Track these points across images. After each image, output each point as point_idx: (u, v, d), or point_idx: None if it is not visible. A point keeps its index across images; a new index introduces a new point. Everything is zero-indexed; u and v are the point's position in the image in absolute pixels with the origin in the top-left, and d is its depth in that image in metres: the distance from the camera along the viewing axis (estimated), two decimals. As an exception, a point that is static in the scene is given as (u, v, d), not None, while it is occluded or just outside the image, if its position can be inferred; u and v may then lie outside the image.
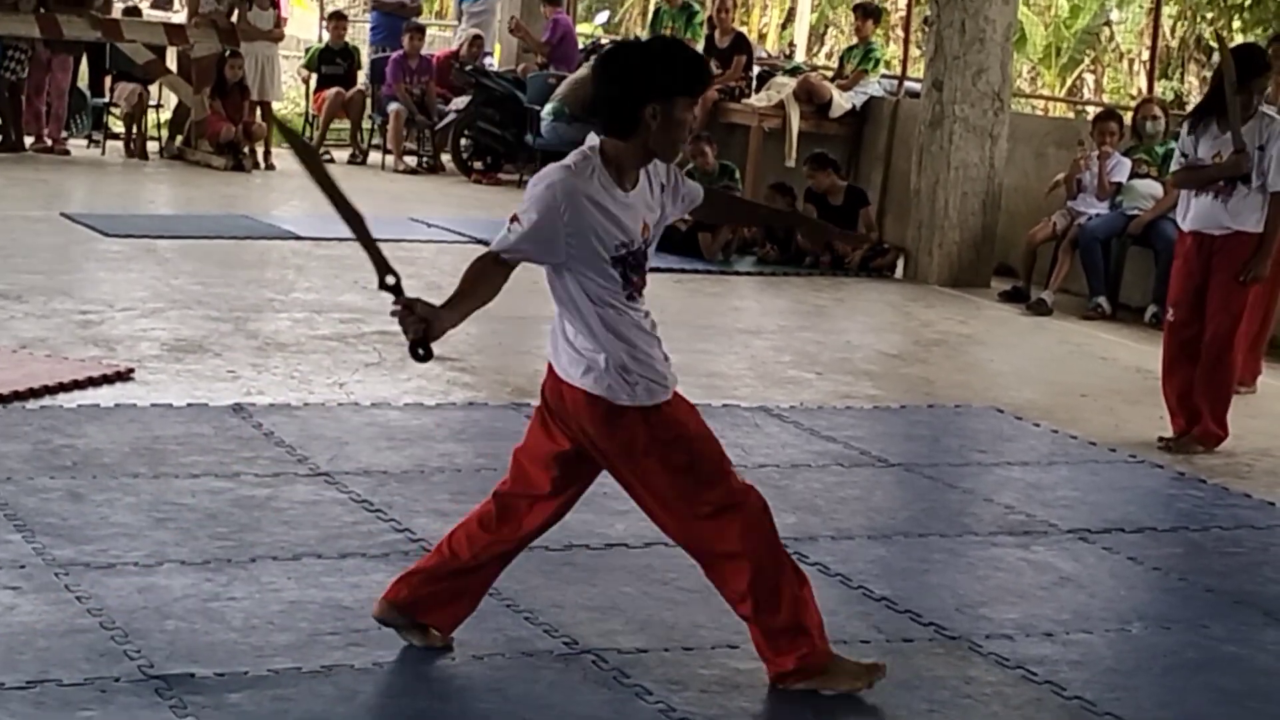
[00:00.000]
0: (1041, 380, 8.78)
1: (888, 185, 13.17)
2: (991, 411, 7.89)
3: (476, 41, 16.68)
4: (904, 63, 15.32)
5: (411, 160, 16.38)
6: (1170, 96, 22.98)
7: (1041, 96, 23.69)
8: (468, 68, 16.21)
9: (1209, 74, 25.28)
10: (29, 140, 15.25)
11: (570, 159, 4.11)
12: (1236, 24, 19.67)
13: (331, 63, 16.75)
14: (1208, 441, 7.42)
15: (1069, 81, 26.06)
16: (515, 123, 15.54)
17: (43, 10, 14.88)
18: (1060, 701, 4.47)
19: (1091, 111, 13.31)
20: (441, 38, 22.89)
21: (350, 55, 16.92)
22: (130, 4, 18.00)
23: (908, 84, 14.34)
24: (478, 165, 15.87)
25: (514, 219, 4.08)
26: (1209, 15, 22.19)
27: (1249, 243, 7.33)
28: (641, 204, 4.23)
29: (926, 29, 12.55)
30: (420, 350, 4.02)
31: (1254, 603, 5.42)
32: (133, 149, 15.56)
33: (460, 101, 16.08)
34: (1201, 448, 7.39)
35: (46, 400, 6.68)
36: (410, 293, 4.09)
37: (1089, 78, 27.17)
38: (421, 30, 17.09)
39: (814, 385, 8.18)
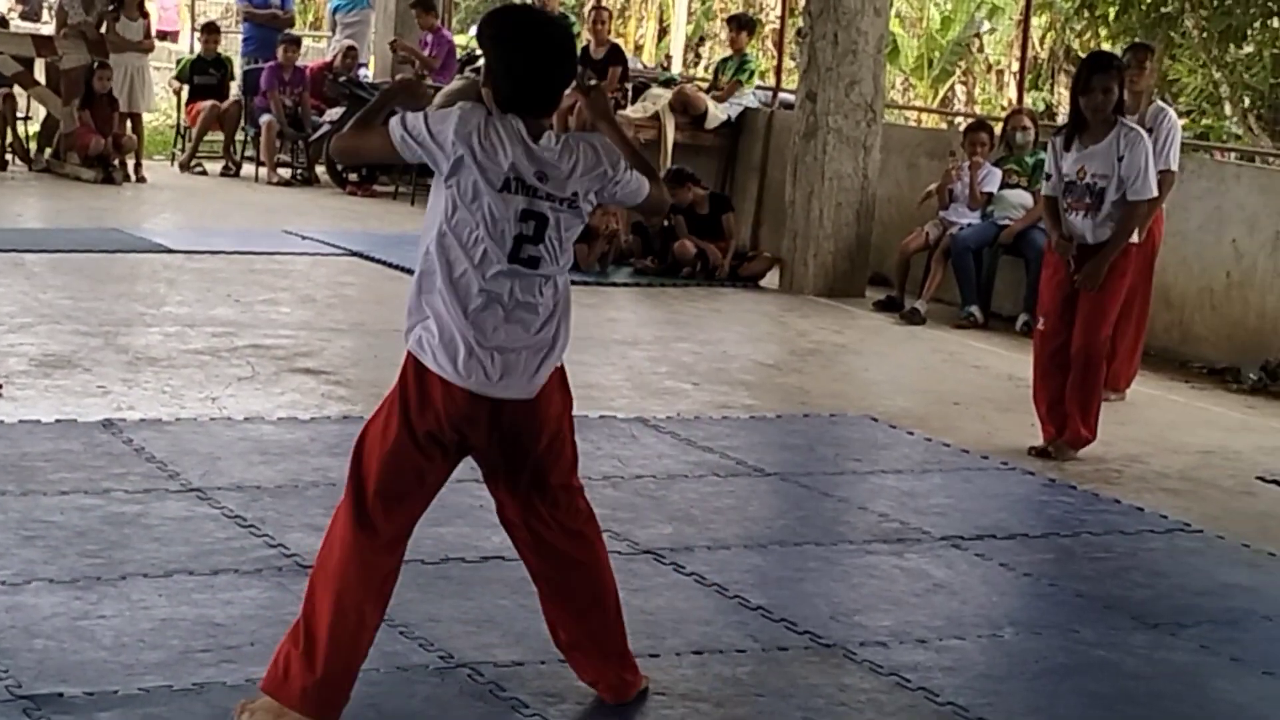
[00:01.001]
0: (915, 389, 8.87)
1: (763, 196, 13.25)
2: (866, 420, 7.95)
3: (350, 52, 16.60)
4: (778, 74, 15.42)
5: (285, 172, 16.26)
6: (1040, 107, 23.29)
7: (914, 108, 23.93)
8: (342, 79, 16.13)
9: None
10: (-107, 153, 14.98)
11: None
12: (1104, 33, 19.96)
13: (204, 73, 16.61)
14: (1076, 444, 7.53)
15: (941, 93, 26.33)
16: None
17: (-94, 21, 14.65)
18: (934, 708, 4.52)
19: (963, 122, 13.48)
20: (315, 49, 22.74)
21: (224, 66, 16.79)
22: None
23: (782, 95, 14.44)
24: (352, 177, 15.79)
25: None
26: (1077, 27, 22.51)
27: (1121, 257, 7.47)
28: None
29: (800, 41, 12.65)
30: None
31: (1123, 607, 5.50)
32: (4, 160, 15.31)
33: (335, 113, 15.98)
34: (1071, 451, 7.50)
35: (-89, 417, 6.57)
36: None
37: (960, 89, 27.48)
38: (297, 42, 17.00)
39: (690, 395, 8.21)
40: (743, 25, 14.77)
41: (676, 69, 25.62)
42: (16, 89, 15.42)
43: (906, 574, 5.67)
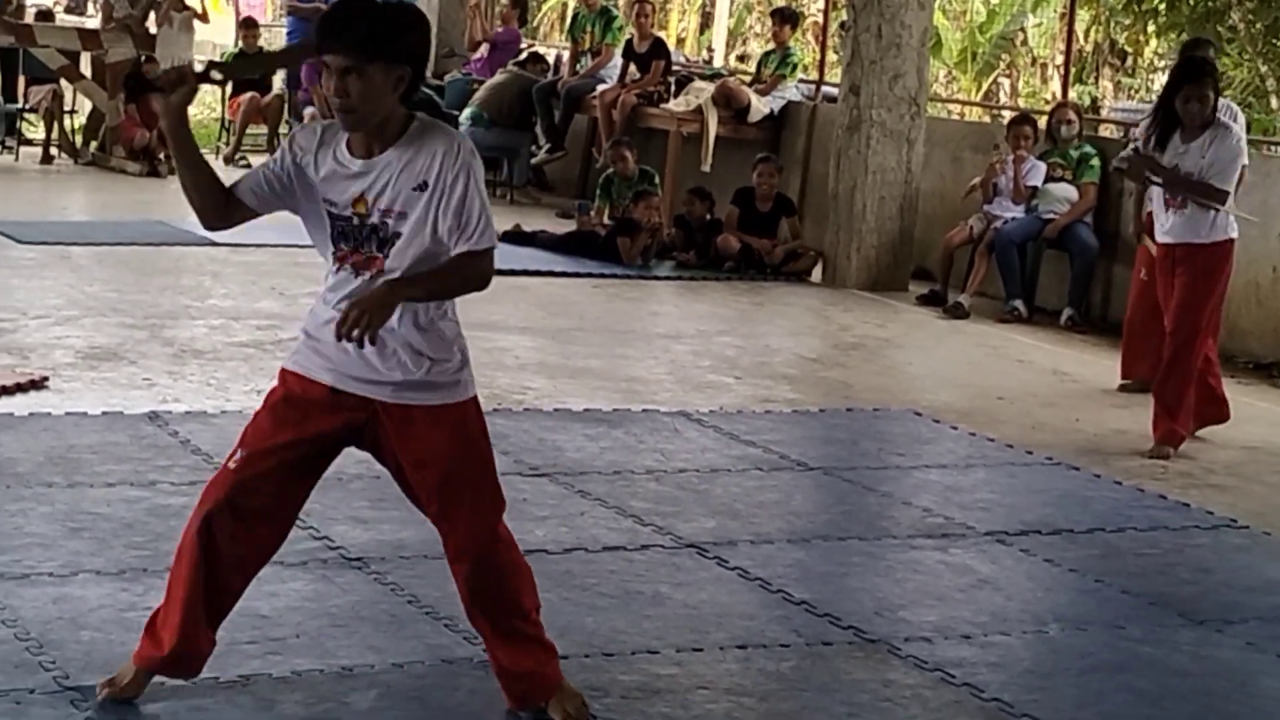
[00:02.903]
0: (959, 383, 8.84)
1: (806, 189, 13.22)
2: (909, 414, 7.93)
3: (394, 46, 16.61)
4: (821, 67, 15.39)
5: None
6: (1086, 101, 23.20)
7: (957, 101, 23.86)
8: (385, 73, 16.13)
9: (1123, 79, 25.56)
10: (-60, 146, 15.08)
11: None
12: (1151, 29, 19.88)
13: (246, 68, 16.68)
14: (1173, 441, 7.51)
15: (984, 86, 26.26)
16: (444, 125, 15.46)
17: (-47, 15, 14.75)
18: (979, 703, 4.50)
19: (1007, 116, 13.42)
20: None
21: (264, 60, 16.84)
22: (43, 8, 17.83)
23: (825, 88, 14.41)
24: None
25: None
26: (1124, 21, 22.40)
27: (1207, 251, 7.54)
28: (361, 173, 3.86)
29: (843, 34, 12.62)
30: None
31: (1169, 604, 5.47)
32: (51, 154, 15.39)
33: (377, 106, 15.99)
34: (1168, 448, 7.48)
35: (-41, 409, 6.61)
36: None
37: (1004, 82, 27.39)
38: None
39: (733, 389, 8.20)
40: (786, 18, 14.73)
41: (719, 62, 25.62)
42: (63, 82, 15.50)
43: (951, 569, 5.65)
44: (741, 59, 28.64)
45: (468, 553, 4.01)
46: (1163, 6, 18.41)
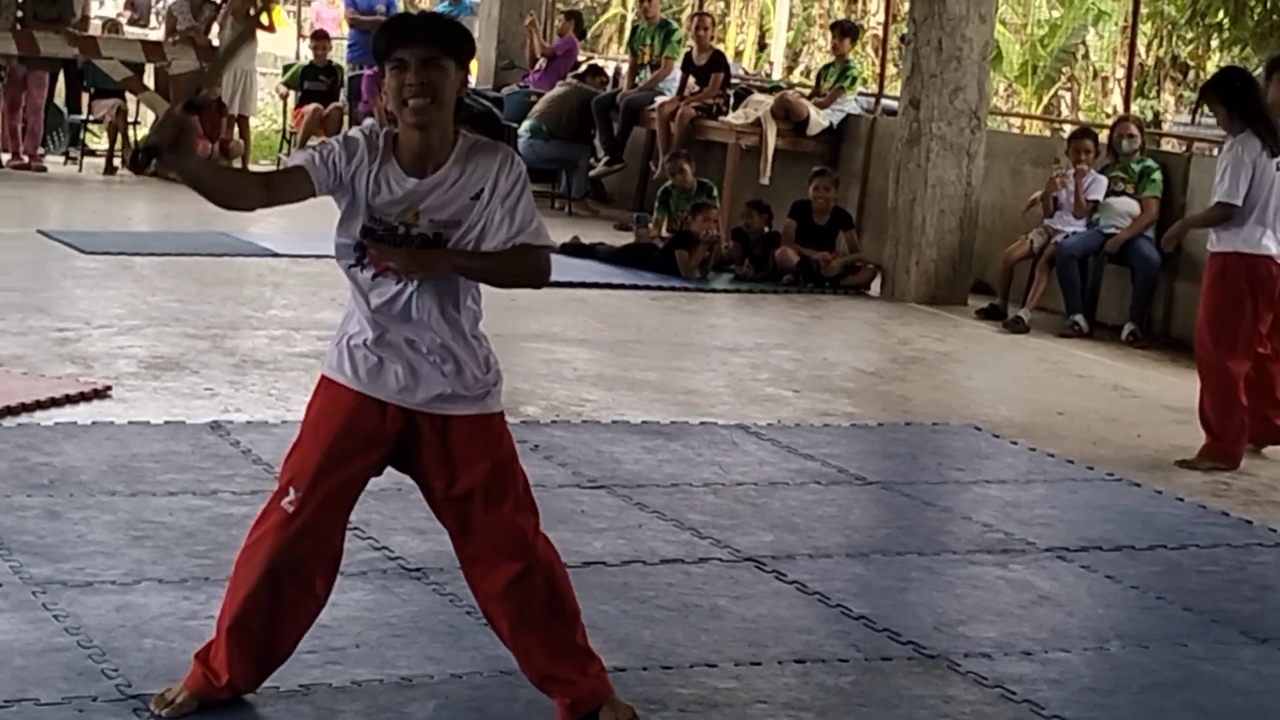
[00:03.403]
0: (1019, 398, 8.80)
1: (865, 203, 13.20)
2: (969, 429, 7.90)
3: (454, 59, 16.67)
4: (881, 80, 15.37)
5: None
6: (1148, 115, 23.08)
7: (1018, 114, 23.76)
8: (444, 85, 16.19)
9: (1185, 93, 25.40)
10: (5, 157, 15.22)
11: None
12: (1214, 43, 19.75)
13: (315, 79, 16.73)
14: (1214, 455, 7.49)
15: (1045, 99, 26.15)
16: (492, 139, 15.51)
17: (19, 27, 14.87)
18: (1039, 720, 4.48)
19: (1067, 130, 13.36)
20: (419, 55, 22.89)
21: (334, 73, 16.91)
22: (111, 20, 17.98)
23: (885, 101, 14.38)
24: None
25: None
26: (1187, 34, 22.27)
27: (1208, 262, 7.62)
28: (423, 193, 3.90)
29: (903, 47, 12.60)
30: (144, 156, 3.90)
31: (1231, 621, 5.43)
32: (114, 165, 15.50)
33: (439, 118, 16.06)
34: (1205, 461, 7.46)
35: (24, 418, 6.65)
36: None
37: (1065, 96, 27.28)
38: (398, 47, 17.05)
39: (791, 403, 8.19)
40: (845, 31, 14.72)
41: (777, 75, 25.61)
42: (126, 94, 15.62)
43: (1011, 585, 5.63)
44: (793, 70, 28.63)
45: (515, 560, 4.00)
46: (1226, 21, 18.28)
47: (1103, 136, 11.62)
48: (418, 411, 3.94)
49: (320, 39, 17.32)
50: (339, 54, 17.60)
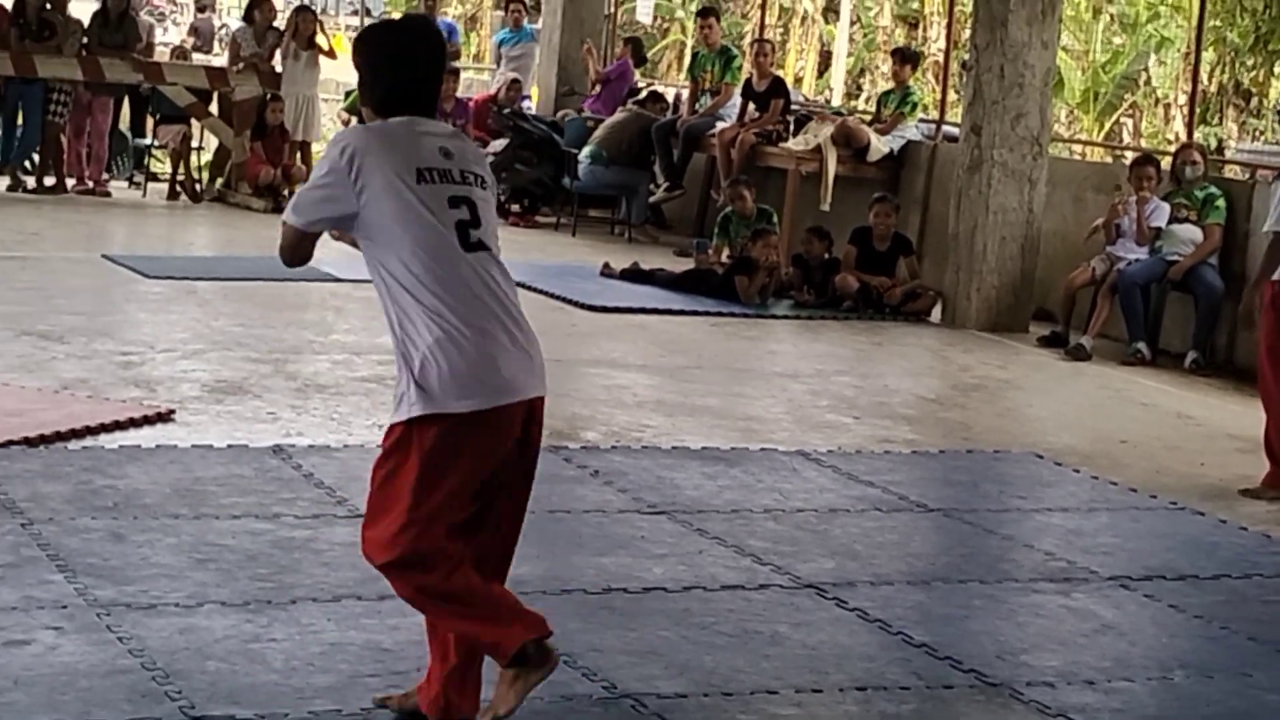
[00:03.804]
0: (1081, 426, 8.75)
1: (925, 229, 13.17)
2: (1030, 457, 7.86)
3: (515, 85, 16.76)
4: (942, 107, 15.34)
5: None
6: (1211, 142, 22.95)
7: (1080, 141, 23.69)
8: (505, 111, 16.28)
9: (1248, 120, 25.26)
10: (70, 182, 15.36)
11: None
12: (1277, 69, 19.63)
13: (372, 106, 16.82)
14: (1270, 483, 7.43)
15: (1107, 126, 26.05)
16: (552, 166, 15.59)
17: (85, 54, 15.03)
18: (1102, 750, 4.45)
19: (1129, 156, 13.31)
20: (479, 81, 23.00)
21: (391, 99, 16.97)
22: (176, 46, 18.13)
23: (945, 128, 14.36)
24: (514, 208, 15.91)
25: None
26: (1249, 61, 22.16)
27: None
28: None
29: (965, 73, 12.57)
30: None
31: (1297, 651, 5.38)
32: (178, 191, 15.62)
33: (498, 144, 16.14)
34: (1270, 491, 7.39)
35: (88, 441, 6.71)
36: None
37: (1127, 123, 27.16)
38: (456, 73, 17.16)
39: (852, 429, 8.16)
40: (906, 58, 14.71)
41: (837, 101, 25.60)
42: (191, 120, 15.76)
43: (1073, 614, 5.59)
44: (853, 96, 28.61)
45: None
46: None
47: (1165, 163, 11.56)
48: None
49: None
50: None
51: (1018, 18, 11.46)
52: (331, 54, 16.39)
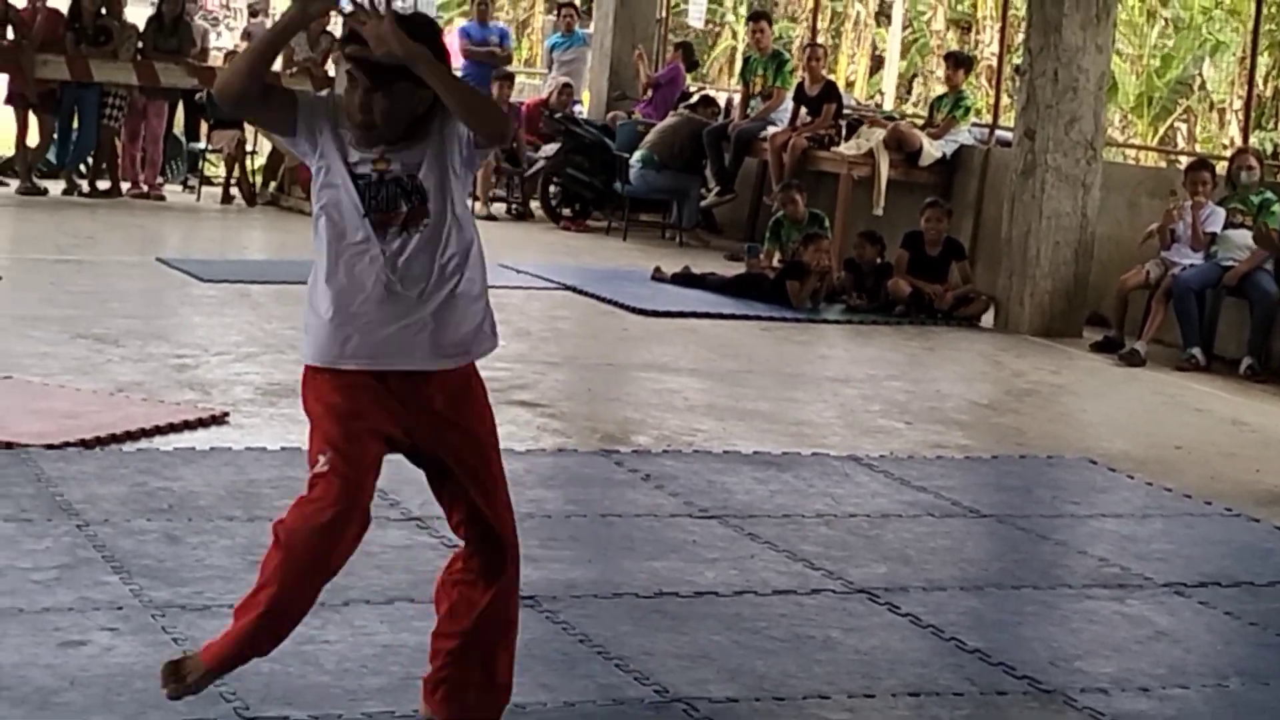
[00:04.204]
0: (1135, 432, 8.70)
1: (978, 234, 13.12)
2: (1084, 463, 7.83)
3: (566, 89, 16.79)
4: (995, 111, 15.29)
5: (499, 207, 16.47)
6: (1267, 148, 22.79)
7: (1134, 146, 23.56)
8: (557, 115, 16.31)
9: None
10: (125, 186, 15.47)
11: None
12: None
13: (427, 109, 16.85)
14: None
15: (1161, 131, 25.91)
16: (604, 170, 15.61)
17: (140, 58, 15.13)
18: (1157, 757, 4.42)
19: (1184, 161, 13.23)
20: (531, 85, 23.04)
21: (446, 102, 16.99)
22: (230, 51, 18.22)
23: (998, 132, 14.31)
24: (566, 212, 15.94)
25: None
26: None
27: None
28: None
29: (1018, 78, 12.53)
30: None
31: (1354, 660, 5.33)
32: (231, 194, 15.70)
33: (549, 149, 16.17)
34: None
35: (143, 443, 6.75)
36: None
37: (1181, 127, 27.01)
38: (510, 78, 17.20)
39: (904, 434, 8.14)
40: (960, 63, 14.66)
41: (889, 105, 25.55)
42: (244, 124, 15.84)
43: (1128, 620, 5.56)
44: (905, 100, 28.54)
45: None
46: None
47: (1220, 168, 11.49)
48: None
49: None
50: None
51: (1072, 22, 11.41)
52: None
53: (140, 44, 15.30)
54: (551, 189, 16.17)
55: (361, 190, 3.85)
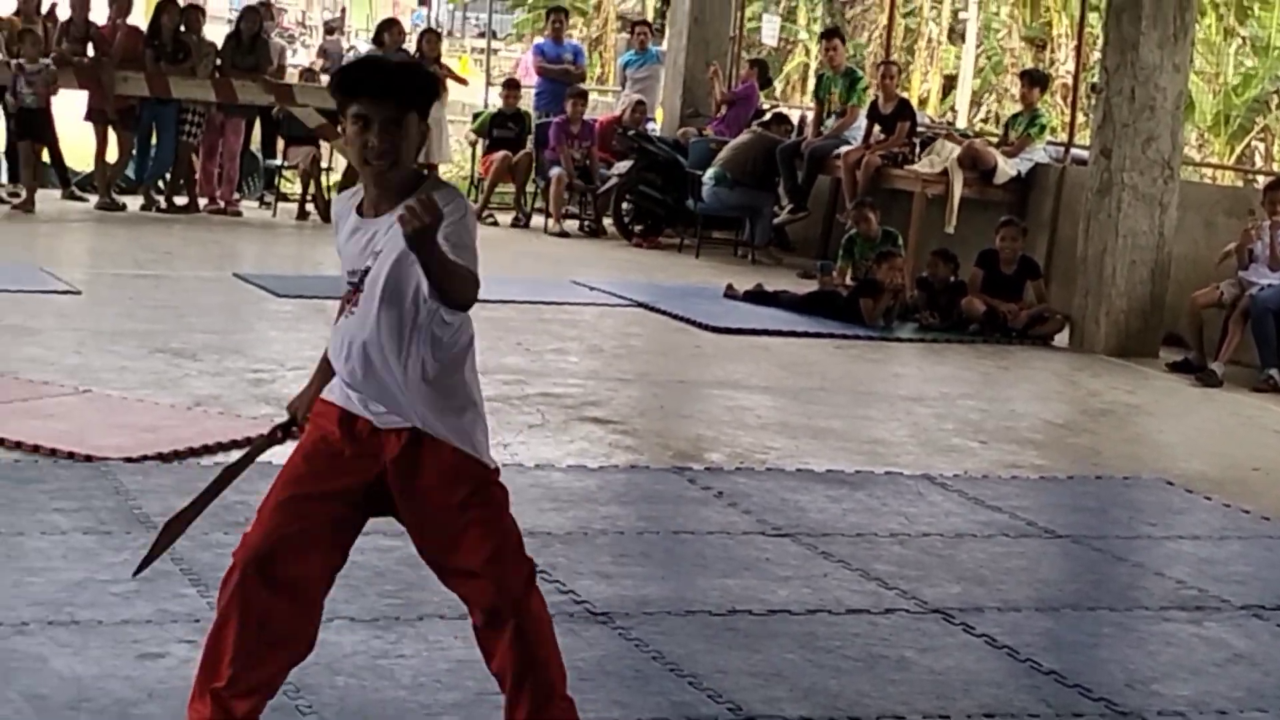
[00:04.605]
0: (1212, 453, 8.63)
1: (1053, 252, 13.05)
2: (1161, 484, 7.77)
3: (639, 106, 16.82)
4: (1071, 129, 15.20)
5: (572, 224, 16.51)
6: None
7: (1210, 165, 23.38)
8: (630, 132, 16.34)
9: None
10: (202, 202, 15.61)
11: None
12: None
13: (504, 127, 16.92)
14: None
15: (1238, 150, 25.70)
16: (676, 187, 15.63)
17: (218, 75, 15.27)
18: (1235, 782, 4.38)
19: (1262, 180, 13.12)
20: (604, 103, 23.09)
21: (522, 120, 17.06)
22: (305, 68, 18.35)
23: (1074, 151, 14.22)
24: (638, 229, 15.96)
25: None
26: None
27: None
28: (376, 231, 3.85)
29: (1094, 96, 12.46)
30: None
31: None
32: (307, 210, 15.82)
33: (622, 166, 16.20)
34: None
35: (220, 457, 6.80)
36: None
37: (1259, 146, 26.78)
38: (584, 95, 17.26)
39: (978, 454, 8.10)
40: (1035, 81, 14.60)
41: (962, 122, 25.46)
42: (320, 141, 15.95)
43: (1205, 643, 5.51)
44: (977, 117, 28.42)
45: None
46: None
47: (1299, 187, 11.37)
48: None
49: (511, 87, 17.53)
50: (527, 101, 17.80)
51: (1149, 40, 11.35)
52: (460, 79, 16.53)
53: (219, 61, 15.44)
54: (624, 206, 16.21)
55: None
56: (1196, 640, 5.54)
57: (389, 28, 16.89)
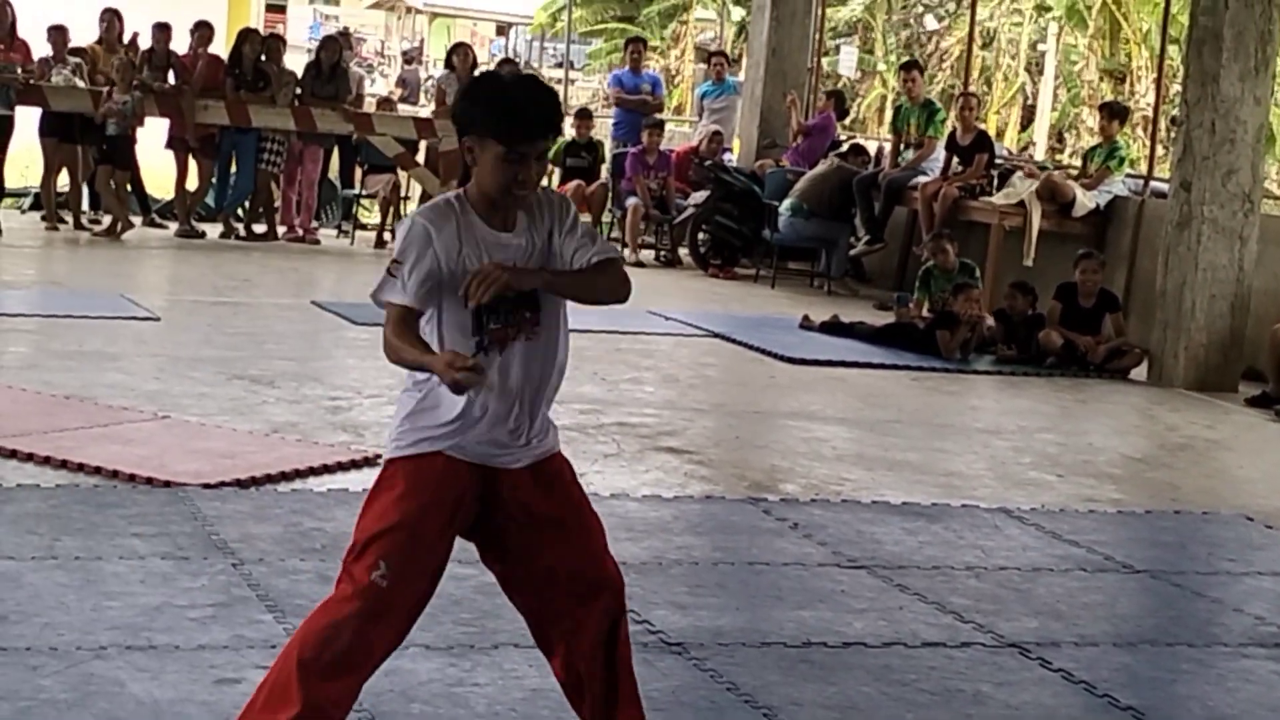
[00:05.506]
0: (1293, 489, 8.54)
1: (1132, 285, 12.97)
2: (1240, 519, 7.69)
3: (716, 137, 16.84)
4: (1150, 162, 15.10)
5: (648, 254, 16.54)
6: None
7: (1291, 198, 23.16)
8: (707, 163, 16.36)
9: None
10: (281, 230, 15.74)
11: (435, 200, 3.99)
12: None
13: (577, 156, 16.98)
14: None
15: (1319, 183, 25.46)
16: (753, 218, 15.63)
17: (298, 104, 15.41)
18: (1317, 823, 4.32)
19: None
20: (680, 133, 23.15)
21: (595, 149, 17.13)
22: (383, 97, 18.47)
23: (1153, 184, 14.13)
24: (715, 260, 15.97)
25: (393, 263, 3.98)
26: None
27: None
28: (519, 245, 3.86)
29: (1174, 129, 12.38)
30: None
31: None
32: (385, 239, 15.91)
33: (699, 196, 16.23)
34: None
35: (297, 483, 6.84)
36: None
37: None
38: (660, 126, 17.30)
39: (1055, 487, 8.05)
40: (1115, 113, 14.52)
41: (1040, 155, 25.35)
42: (398, 169, 16.07)
43: (1286, 681, 5.45)
44: (1056, 151, 28.29)
45: None
46: None
47: (1383, 221, 11.27)
48: None
49: (583, 116, 17.60)
50: (599, 131, 17.86)
51: (1230, 73, 11.27)
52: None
53: (298, 90, 15.58)
54: (700, 236, 16.22)
55: None
56: (1276, 678, 5.47)
57: (458, 51, 17.03)
